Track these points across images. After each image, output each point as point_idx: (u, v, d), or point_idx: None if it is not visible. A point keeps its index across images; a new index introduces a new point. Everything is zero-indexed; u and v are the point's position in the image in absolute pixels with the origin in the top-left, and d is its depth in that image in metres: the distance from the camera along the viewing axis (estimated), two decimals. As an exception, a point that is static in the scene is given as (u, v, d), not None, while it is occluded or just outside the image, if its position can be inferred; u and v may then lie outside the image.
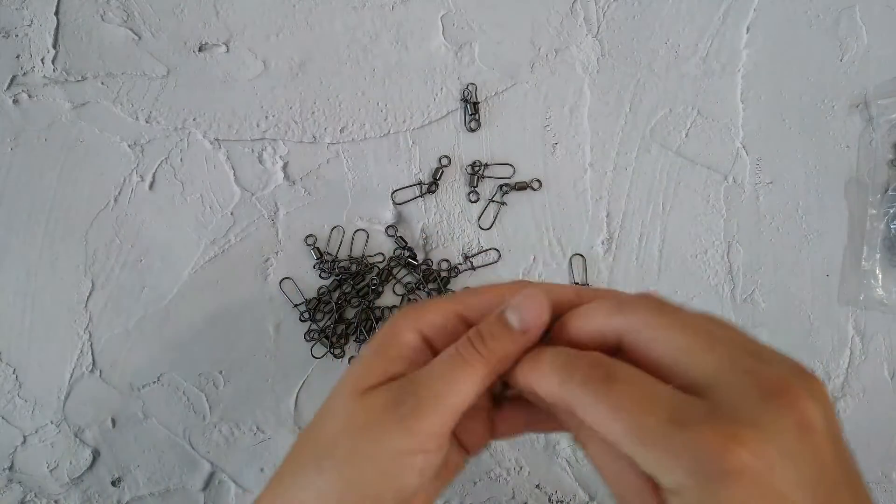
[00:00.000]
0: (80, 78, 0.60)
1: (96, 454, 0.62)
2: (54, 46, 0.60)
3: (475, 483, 0.65)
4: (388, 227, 0.62)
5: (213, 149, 0.61)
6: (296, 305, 0.61)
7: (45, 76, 0.60)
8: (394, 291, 0.63)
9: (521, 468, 0.65)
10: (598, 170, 0.63)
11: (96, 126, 0.60)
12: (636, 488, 0.26)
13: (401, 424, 0.29)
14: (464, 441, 0.34)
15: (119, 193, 0.61)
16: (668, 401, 0.24)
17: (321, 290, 0.62)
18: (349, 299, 0.62)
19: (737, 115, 0.63)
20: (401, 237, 0.62)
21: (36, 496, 0.62)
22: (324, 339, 0.61)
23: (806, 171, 0.64)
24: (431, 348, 0.33)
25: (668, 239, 0.63)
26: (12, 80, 0.60)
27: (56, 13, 0.60)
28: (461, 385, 0.29)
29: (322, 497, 0.29)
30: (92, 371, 0.61)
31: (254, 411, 0.61)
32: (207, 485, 0.63)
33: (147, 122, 0.61)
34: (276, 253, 0.62)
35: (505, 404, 0.35)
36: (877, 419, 0.64)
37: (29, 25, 0.60)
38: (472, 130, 0.62)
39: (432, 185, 0.62)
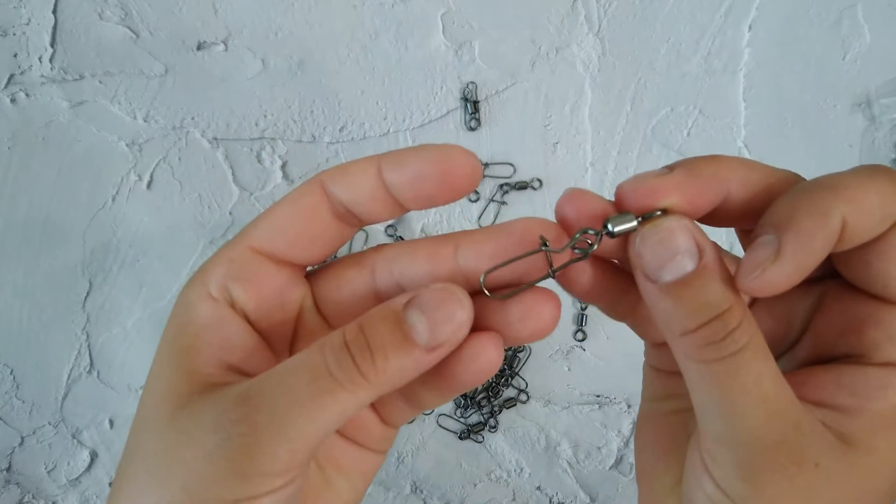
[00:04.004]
0: (77, 77, 0.60)
1: (94, 455, 0.62)
2: (52, 45, 0.59)
3: (475, 485, 0.64)
4: (388, 226, 0.62)
5: (211, 148, 0.61)
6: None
7: (42, 75, 0.59)
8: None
9: (521, 469, 0.64)
10: (600, 169, 0.63)
11: (94, 125, 0.60)
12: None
13: (230, 468, 0.20)
14: (382, 415, 0.26)
15: (117, 193, 0.61)
16: None
17: (320, 291, 0.61)
18: (348, 299, 0.62)
19: (738, 114, 0.63)
20: (400, 237, 0.62)
21: (34, 497, 0.62)
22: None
23: (808, 171, 0.63)
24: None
25: (670, 239, 0.63)
26: (10, 79, 0.59)
27: (54, 11, 0.59)
28: (326, 415, 0.20)
29: None
30: (90, 371, 0.61)
31: (253, 412, 0.61)
32: (206, 486, 0.62)
33: (145, 121, 0.60)
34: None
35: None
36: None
37: (26, 24, 0.59)
38: (473, 129, 0.62)
39: (432, 185, 0.62)
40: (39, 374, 0.60)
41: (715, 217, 0.24)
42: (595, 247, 0.23)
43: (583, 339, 0.63)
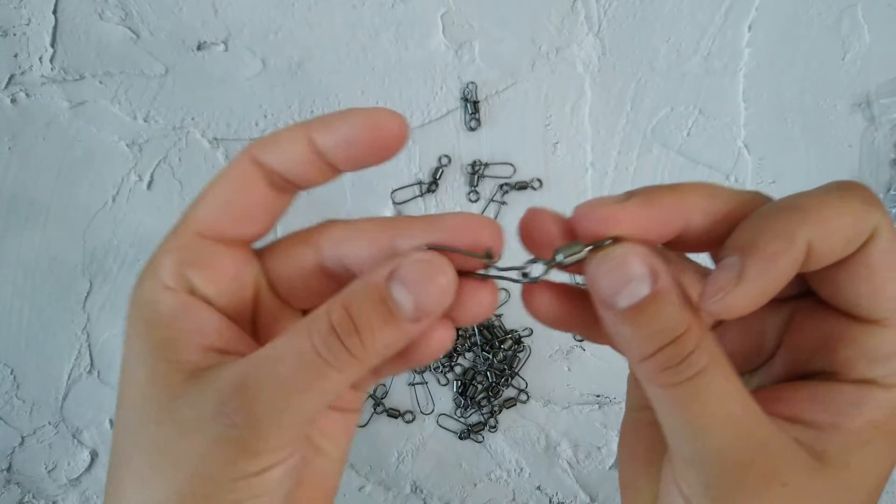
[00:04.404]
0: (78, 77, 0.60)
1: (94, 455, 0.62)
2: (52, 45, 0.59)
3: (475, 485, 0.65)
4: (388, 226, 0.62)
5: (211, 148, 0.61)
6: (295, 306, 0.61)
7: (42, 75, 0.59)
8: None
9: (521, 469, 0.64)
10: (600, 169, 0.63)
11: (94, 125, 0.60)
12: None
13: (238, 450, 0.21)
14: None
15: (117, 193, 0.61)
16: None
17: (320, 291, 0.61)
18: (348, 299, 0.62)
19: (738, 114, 0.63)
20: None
21: (34, 497, 0.62)
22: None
23: (808, 171, 0.64)
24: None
25: (670, 239, 0.63)
26: (10, 79, 0.59)
27: (54, 12, 0.59)
28: (320, 396, 0.22)
29: None
30: (90, 371, 0.61)
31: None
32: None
33: (145, 121, 0.60)
34: (275, 253, 0.61)
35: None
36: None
37: (27, 24, 0.59)
38: (473, 129, 0.62)
39: (432, 185, 0.62)
40: (40, 374, 0.60)
41: (677, 244, 0.23)
42: (541, 277, 0.23)
43: (583, 339, 0.63)
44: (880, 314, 0.22)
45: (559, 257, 0.22)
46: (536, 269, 0.23)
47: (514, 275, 0.23)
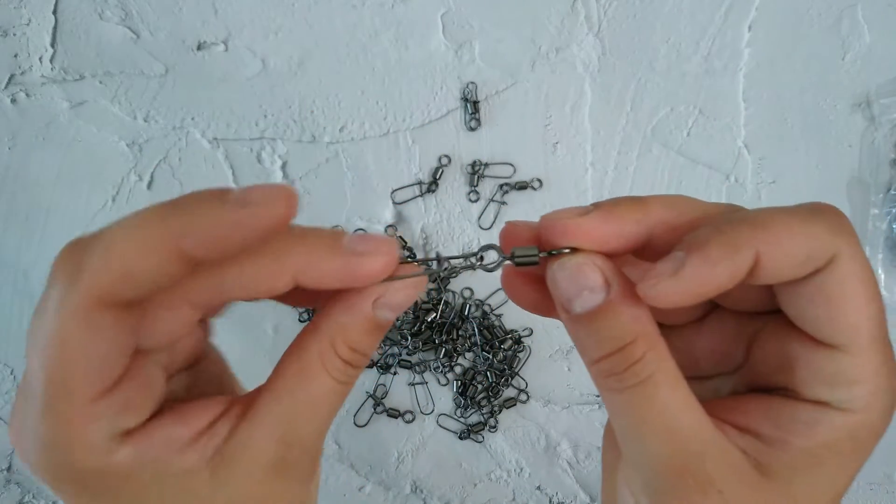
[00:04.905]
0: (78, 77, 0.60)
1: (94, 455, 0.62)
2: (52, 45, 0.59)
3: (475, 485, 0.65)
4: (388, 226, 0.62)
5: (211, 148, 0.61)
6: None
7: (43, 75, 0.59)
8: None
9: (521, 469, 0.64)
10: (600, 169, 0.63)
11: (94, 125, 0.60)
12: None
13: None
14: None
15: (117, 193, 0.61)
16: None
17: (320, 291, 0.61)
18: (348, 299, 0.62)
19: (738, 114, 0.63)
20: (400, 237, 0.62)
21: (34, 497, 0.62)
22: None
23: (808, 171, 0.64)
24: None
25: (670, 239, 0.63)
26: (10, 79, 0.59)
27: (54, 12, 0.59)
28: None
29: None
30: (90, 371, 0.61)
31: (253, 412, 0.61)
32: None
33: (145, 121, 0.60)
34: (275, 253, 0.61)
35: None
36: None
37: (27, 24, 0.59)
38: (473, 129, 0.62)
39: (432, 185, 0.62)
40: (40, 373, 0.60)
41: (643, 255, 0.24)
42: (494, 266, 0.25)
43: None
44: (838, 339, 0.22)
45: (516, 255, 0.24)
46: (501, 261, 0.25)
47: (468, 262, 0.26)
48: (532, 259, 0.24)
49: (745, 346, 0.26)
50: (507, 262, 0.25)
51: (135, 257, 0.20)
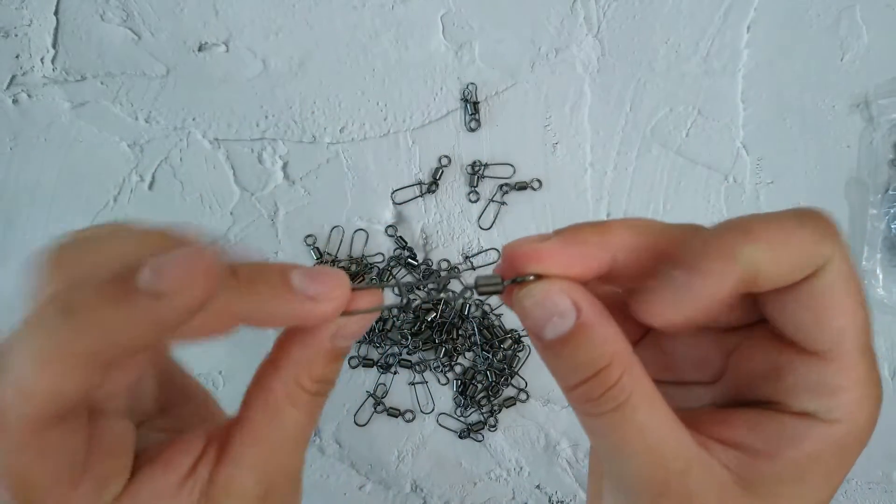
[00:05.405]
0: (79, 78, 0.60)
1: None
2: (54, 46, 0.60)
3: (475, 484, 0.65)
4: (388, 226, 0.62)
5: (212, 148, 0.61)
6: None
7: (44, 76, 0.60)
8: (393, 292, 0.63)
9: (521, 468, 0.65)
10: (599, 169, 0.63)
11: (95, 126, 0.60)
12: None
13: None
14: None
15: (118, 193, 0.61)
16: None
17: (321, 290, 0.62)
18: (349, 299, 0.62)
19: (737, 114, 0.63)
20: (401, 237, 0.62)
21: None
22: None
23: (806, 171, 0.64)
24: None
25: (669, 239, 0.63)
26: (12, 80, 0.60)
27: (55, 13, 0.59)
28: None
29: None
30: (91, 371, 0.61)
31: (253, 411, 0.61)
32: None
33: (146, 121, 0.61)
34: (276, 253, 0.61)
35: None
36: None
37: (28, 25, 0.59)
38: (472, 130, 0.62)
39: (432, 185, 0.62)
40: (41, 373, 0.61)
41: (609, 279, 0.24)
42: (462, 299, 0.24)
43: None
44: (823, 346, 0.22)
45: (479, 285, 0.24)
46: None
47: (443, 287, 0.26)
48: (496, 288, 0.24)
49: (723, 356, 0.26)
50: (470, 290, 0.25)
51: (50, 383, 0.19)
